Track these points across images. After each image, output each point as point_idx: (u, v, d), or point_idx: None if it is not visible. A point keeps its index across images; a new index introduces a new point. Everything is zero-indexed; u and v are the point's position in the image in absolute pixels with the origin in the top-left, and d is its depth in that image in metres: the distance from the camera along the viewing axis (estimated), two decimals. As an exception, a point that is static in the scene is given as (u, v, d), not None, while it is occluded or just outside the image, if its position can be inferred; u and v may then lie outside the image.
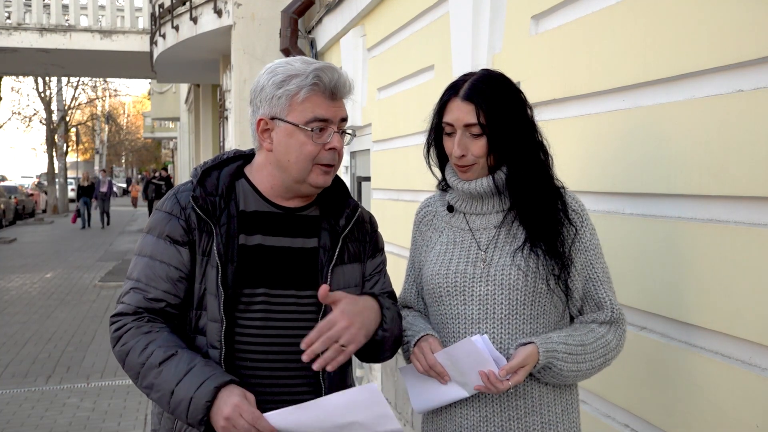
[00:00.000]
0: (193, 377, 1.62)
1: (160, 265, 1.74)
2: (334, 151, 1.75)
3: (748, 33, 1.72)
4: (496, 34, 3.12)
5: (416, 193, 4.22)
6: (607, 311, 1.82)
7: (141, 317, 1.72)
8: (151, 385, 1.67)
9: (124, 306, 1.75)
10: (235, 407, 1.57)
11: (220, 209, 1.76)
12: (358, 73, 5.47)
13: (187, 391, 1.61)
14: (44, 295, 11.10)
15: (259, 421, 1.57)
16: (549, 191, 1.82)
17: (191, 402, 1.60)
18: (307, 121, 1.72)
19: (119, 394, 6.16)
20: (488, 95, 1.77)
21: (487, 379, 1.70)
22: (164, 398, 1.65)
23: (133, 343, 1.69)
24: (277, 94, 1.72)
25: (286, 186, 1.79)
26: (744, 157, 1.74)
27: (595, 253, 1.83)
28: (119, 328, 1.73)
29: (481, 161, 1.80)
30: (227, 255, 1.74)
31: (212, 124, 16.38)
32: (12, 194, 26.51)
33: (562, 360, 1.74)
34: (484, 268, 1.81)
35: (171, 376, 1.63)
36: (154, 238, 1.77)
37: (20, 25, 16.20)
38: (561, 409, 1.83)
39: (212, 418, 1.59)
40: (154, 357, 1.66)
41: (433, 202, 2.01)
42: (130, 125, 59.53)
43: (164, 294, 1.74)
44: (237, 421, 1.56)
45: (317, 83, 1.71)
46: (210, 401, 1.59)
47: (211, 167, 1.82)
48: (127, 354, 1.70)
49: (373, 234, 1.94)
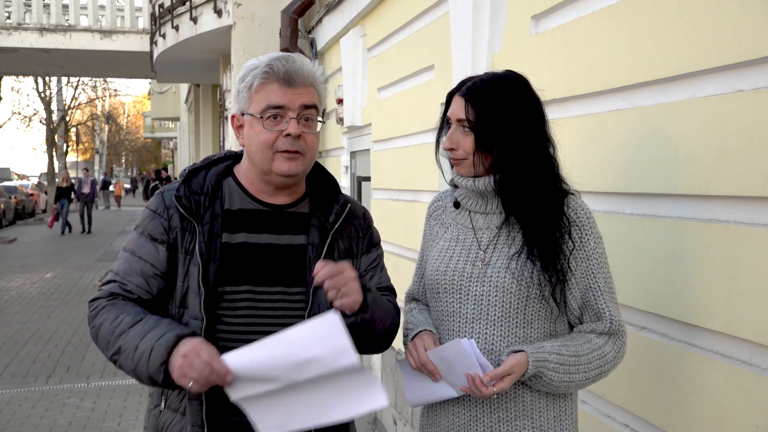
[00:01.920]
0: (158, 330, 1.66)
1: (137, 260, 1.79)
2: (293, 138, 1.73)
3: (748, 33, 1.72)
4: (496, 34, 3.12)
5: (416, 193, 4.22)
6: (606, 322, 1.80)
7: (114, 298, 1.78)
8: (118, 348, 1.69)
9: (100, 293, 1.81)
10: (194, 347, 1.59)
11: (204, 208, 1.78)
12: (358, 73, 5.47)
13: (150, 341, 1.64)
14: (44, 295, 11.10)
15: (215, 361, 1.58)
16: (544, 199, 1.79)
17: (152, 350, 1.62)
18: (262, 110, 1.73)
19: (119, 394, 6.17)
20: (483, 94, 1.78)
21: (472, 382, 1.70)
22: (128, 356, 1.67)
23: (105, 316, 1.74)
24: (239, 89, 1.78)
25: (260, 178, 1.81)
26: (744, 157, 1.74)
27: (598, 263, 1.80)
28: (93, 308, 1.79)
29: (470, 157, 1.81)
30: (209, 253, 1.76)
31: (212, 124, 16.39)
32: (12, 194, 26.50)
33: (552, 370, 1.73)
34: (482, 268, 1.81)
35: (137, 334, 1.67)
36: (137, 234, 1.83)
37: (20, 25, 16.20)
38: (553, 415, 1.82)
39: (170, 361, 1.60)
40: (124, 323, 1.70)
41: (444, 197, 2.02)
42: (130, 125, 59.54)
43: (137, 288, 1.78)
44: (193, 359, 1.57)
45: (269, 71, 1.73)
46: (171, 347, 1.61)
47: (199, 167, 1.85)
48: (100, 327, 1.74)
49: (367, 229, 1.93)
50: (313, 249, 1.81)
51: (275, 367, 1.60)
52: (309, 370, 1.59)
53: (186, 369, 1.58)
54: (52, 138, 31.67)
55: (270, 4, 7.95)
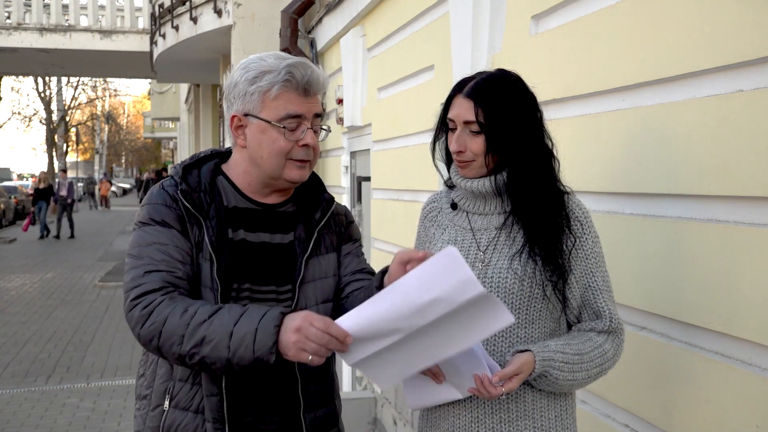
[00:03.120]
0: (252, 314, 1.56)
1: (169, 247, 1.70)
2: (308, 147, 1.75)
3: (748, 33, 1.72)
4: (496, 34, 3.12)
5: (416, 193, 4.23)
6: (606, 320, 1.81)
7: (170, 291, 1.65)
8: (201, 340, 1.56)
9: (146, 285, 1.65)
10: (305, 318, 1.50)
11: (207, 203, 1.77)
12: (358, 73, 5.47)
13: (250, 325, 1.54)
14: (44, 295, 11.10)
15: (331, 327, 1.49)
16: (550, 196, 1.80)
17: (257, 332, 1.52)
18: (280, 118, 1.71)
19: (119, 394, 6.17)
20: (490, 94, 1.77)
21: (480, 383, 1.69)
22: (221, 343, 1.55)
23: (170, 310, 1.60)
24: (249, 90, 1.72)
25: (262, 181, 1.80)
26: (744, 157, 1.74)
27: (596, 262, 1.82)
28: (147, 305, 1.62)
29: (480, 159, 1.80)
30: (220, 248, 1.74)
31: (212, 124, 16.39)
32: (12, 194, 26.51)
33: (558, 369, 1.73)
34: (482, 269, 1.81)
35: (226, 321, 1.56)
36: (153, 227, 1.73)
37: (20, 25, 16.20)
38: (554, 414, 1.82)
39: (281, 340, 1.51)
40: (200, 314, 1.58)
41: (439, 198, 2.01)
42: (130, 125, 59.57)
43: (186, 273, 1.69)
44: (308, 330, 1.48)
45: (289, 79, 1.70)
46: (278, 325, 1.52)
47: (189, 165, 1.83)
48: (165, 322, 1.59)
49: (348, 225, 1.95)
50: (299, 244, 1.82)
51: (396, 318, 1.50)
52: (433, 311, 1.48)
53: (303, 343, 1.49)
54: (52, 138, 31.69)
55: (270, 4, 7.95)
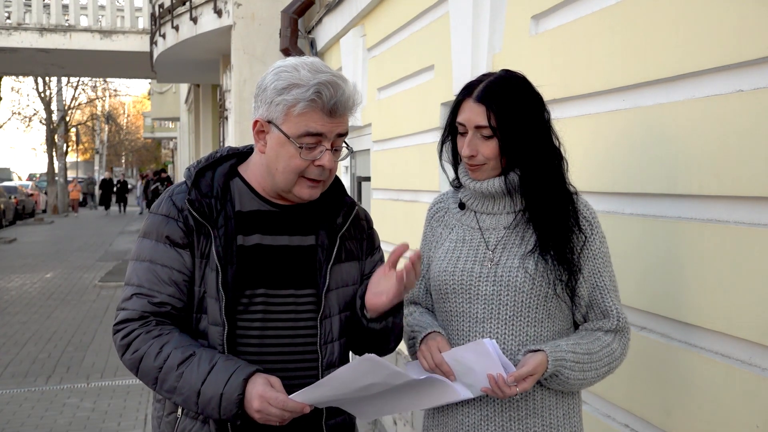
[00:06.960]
0: (218, 374, 1.62)
1: (162, 268, 1.71)
2: (322, 168, 1.71)
3: (748, 33, 1.72)
4: (496, 34, 3.12)
5: (416, 193, 4.22)
6: (613, 320, 1.82)
7: (148, 322, 1.69)
8: (173, 389, 1.65)
9: (127, 312, 1.71)
10: (262, 399, 1.59)
11: (217, 211, 1.73)
12: (358, 73, 5.47)
13: (216, 388, 1.61)
14: (44, 295, 11.09)
15: (287, 404, 1.59)
16: (561, 196, 1.81)
17: (222, 398, 1.61)
18: (299, 135, 1.67)
19: (119, 394, 6.16)
20: (501, 98, 1.77)
21: (495, 382, 1.70)
22: (190, 399, 1.64)
23: (146, 349, 1.67)
24: (276, 100, 1.68)
25: (275, 190, 1.78)
26: (744, 157, 1.74)
27: (604, 261, 1.83)
28: (126, 335, 1.69)
29: (492, 162, 1.80)
30: (227, 257, 1.72)
31: (212, 124, 16.38)
32: (12, 194, 26.50)
33: (569, 369, 1.74)
34: (491, 267, 1.81)
35: (194, 377, 1.63)
36: (152, 241, 1.74)
37: (20, 25, 16.20)
38: (563, 412, 1.83)
39: (246, 407, 1.61)
40: (172, 359, 1.65)
41: (446, 199, 2.01)
42: (130, 125, 59.52)
43: (169, 298, 1.71)
44: (268, 410, 1.59)
45: (315, 99, 1.65)
46: (241, 394, 1.60)
47: (204, 167, 1.79)
48: (141, 360, 1.67)
49: (369, 231, 1.93)
50: (322, 251, 1.80)
51: (343, 393, 1.67)
52: (374, 388, 1.67)
53: (265, 419, 1.61)
54: (52, 138, 31.66)
55: (270, 4, 7.95)
